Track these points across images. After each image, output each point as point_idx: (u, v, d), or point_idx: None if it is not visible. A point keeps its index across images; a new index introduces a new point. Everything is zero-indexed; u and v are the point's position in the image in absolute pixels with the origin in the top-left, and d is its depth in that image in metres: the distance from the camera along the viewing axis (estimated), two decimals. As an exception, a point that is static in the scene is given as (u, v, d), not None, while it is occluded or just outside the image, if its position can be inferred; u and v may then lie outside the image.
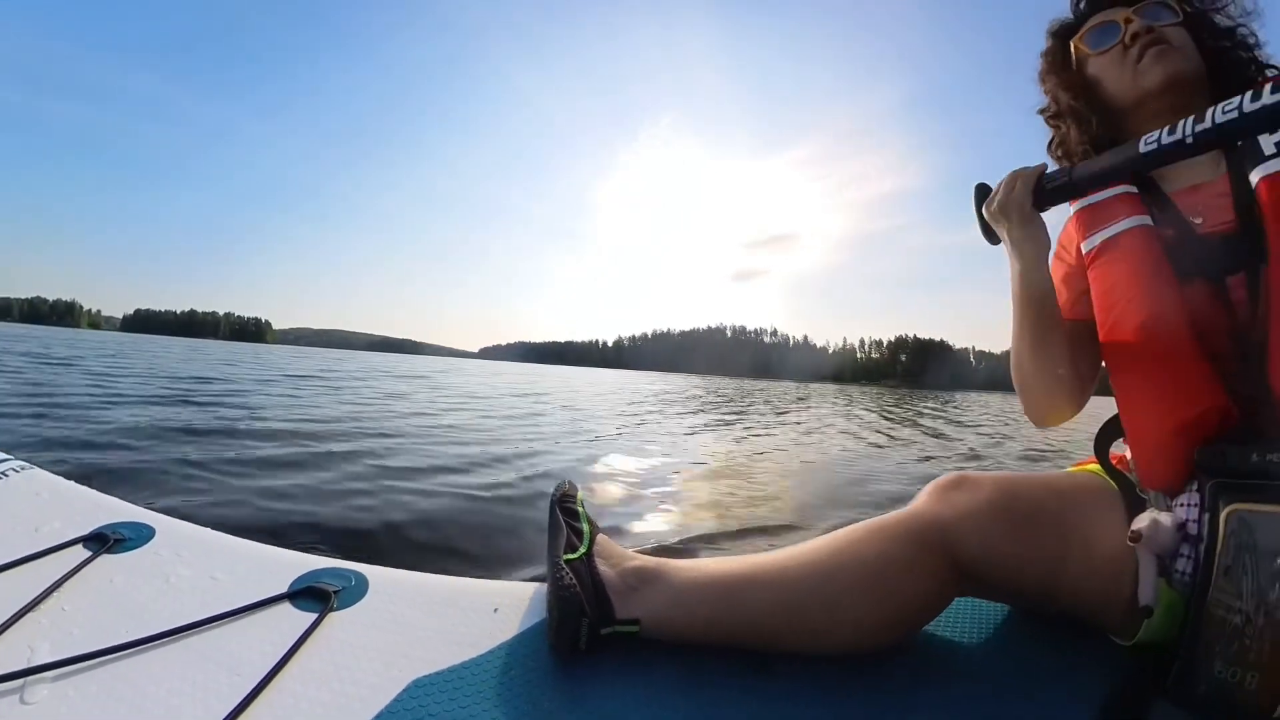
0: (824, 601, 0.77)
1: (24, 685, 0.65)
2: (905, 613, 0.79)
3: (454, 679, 0.72)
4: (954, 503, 0.80)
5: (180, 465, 3.25)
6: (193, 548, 0.94)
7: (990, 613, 0.90)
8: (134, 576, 0.86)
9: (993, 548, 0.77)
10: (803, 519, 2.88)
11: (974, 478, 0.83)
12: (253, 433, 4.56)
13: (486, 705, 0.69)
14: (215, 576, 0.87)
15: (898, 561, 0.77)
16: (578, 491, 0.99)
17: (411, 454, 4.18)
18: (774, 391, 25.52)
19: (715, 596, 0.80)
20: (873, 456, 5.75)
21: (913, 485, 3.75)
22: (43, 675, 0.66)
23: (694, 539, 2.46)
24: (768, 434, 7.43)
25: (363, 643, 0.77)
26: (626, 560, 0.86)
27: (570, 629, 0.76)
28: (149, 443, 3.78)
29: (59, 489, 1.08)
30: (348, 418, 6.15)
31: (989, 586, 0.83)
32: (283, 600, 0.82)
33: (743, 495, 3.32)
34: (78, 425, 4.20)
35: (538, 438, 5.74)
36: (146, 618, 0.77)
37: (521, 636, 0.81)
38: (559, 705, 0.70)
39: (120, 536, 0.94)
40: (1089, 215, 0.88)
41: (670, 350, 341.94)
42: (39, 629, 0.74)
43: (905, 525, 0.80)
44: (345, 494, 2.92)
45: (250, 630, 0.77)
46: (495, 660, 0.76)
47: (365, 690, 0.69)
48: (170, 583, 0.85)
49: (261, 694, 0.67)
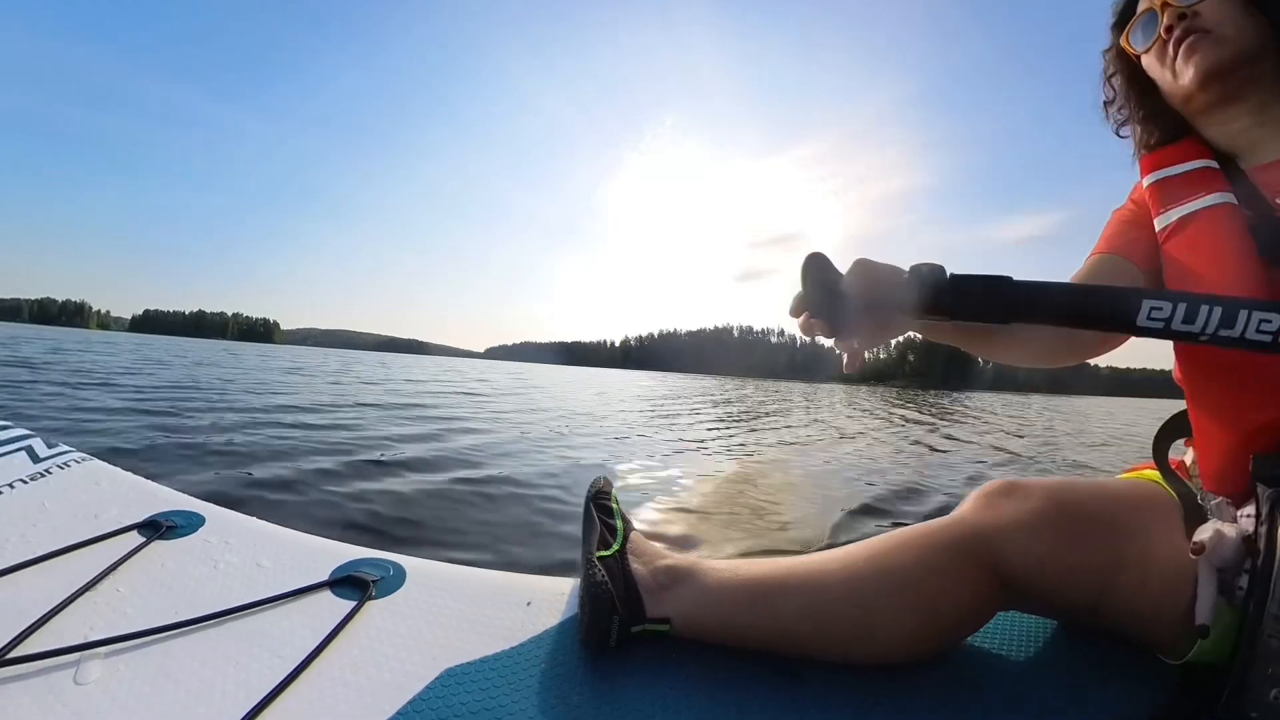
0: (858, 609, 0.75)
1: (79, 663, 0.68)
2: (944, 625, 0.76)
3: (485, 670, 0.73)
4: (1002, 511, 0.75)
5: (229, 457, 3.38)
6: (240, 535, 0.98)
7: (1033, 627, 0.86)
8: (184, 561, 0.90)
9: (1041, 560, 0.73)
10: (836, 522, 2.82)
11: (1024, 485, 0.78)
12: (300, 428, 4.69)
13: (516, 697, 0.69)
14: (260, 563, 0.90)
15: (939, 571, 0.74)
16: (612, 488, 1.00)
17: (449, 451, 4.25)
18: (787, 393, 25.00)
19: (747, 598, 0.78)
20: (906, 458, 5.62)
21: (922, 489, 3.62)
22: (97, 650, 0.70)
23: (726, 540, 2.44)
24: (792, 437, 7.31)
25: (398, 631, 0.78)
26: (659, 558, 0.85)
27: (601, 626, 0.76)
28: (202, 437, 3.93)
29: (117, 479, 1.13)
30: (385, 416, 6.29)
31: (1034, 600, 0.79)
32: (323, 588, 0.85)
33: (773, 497, 3.27)
34: (134, 421, 4.40)
35: (568, 436, 5.77)
36: (195, 600, 0.80)
37: (553, 631, 0.81)
38: (587, 700, 0.70)
39: (172, 524, 0.98)
40: (1165, 188, 0.81)
41: (678, 350, 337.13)
42: (95, 608, 0.78)
43: (948, 533, 0.76)
44: (386, 488, 2.99)
45: (292, 615, 0.79)
46: (526, 653, 0.77)
47: (399, 677, 0.70)
48: (218, 568, 0.88)
49: (301, 676, 0.68)
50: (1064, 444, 8.16)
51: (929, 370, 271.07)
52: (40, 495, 1.04)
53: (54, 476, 1.10)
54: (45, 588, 0.79)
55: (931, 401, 23.74)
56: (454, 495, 2.96)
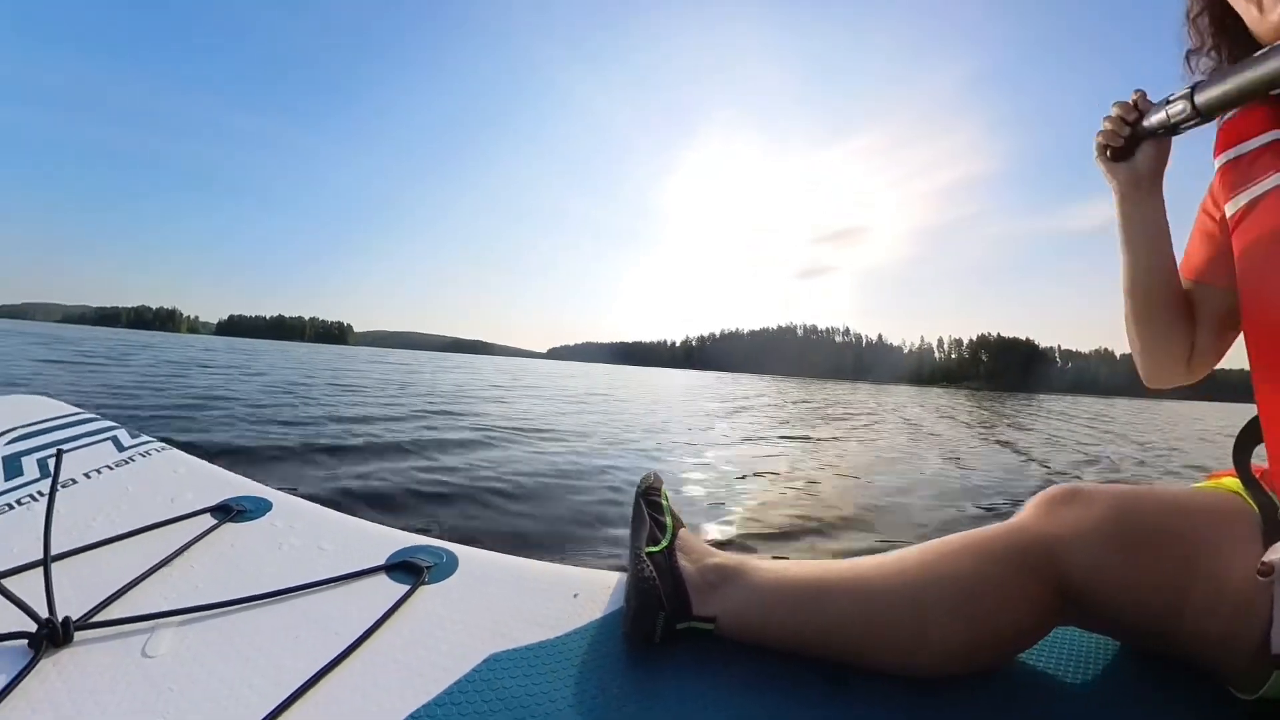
0: (909, 617, 0.72)
1: (153, 630, 0.72)
2: (998, 638, 0.71)
3: (529, 657, 0.74)
4: (1064, 519, 0.71)
5: (298, 450, 3.53)
6: (304, 521, 1.02)
7: (1093, 646, 0.81)
8: (251, 543, 0.94)
9: (1105, 573, 0.68)
10: (890, 525, 2.73)
11: (1089, 491, 0.73)
12: (364, 420, 4.85)
13: (557, 684, 0.70)
14: (322, 547, 0.94)
15: (995, 581, 0.70)
16: (663, 485, 0.99)
17: (505, 446, 4.32)
18: (851, 395, 24.11)
19: (794, 601, 0.76)
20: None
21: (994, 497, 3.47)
22: (169, 620, 0.74)
23: (775, 540, 2.39)
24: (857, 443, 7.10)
25: (448, 616, 0.80)
26: (707, 556, 0.84)
27: (646, 621, 0.76)
28: (274, 430, 4.11)
29: (193, 466, 1.20)
30: (450, 413, 6.44)
31: (1095, 617, 0.74)
32: (379, 572, 0.87)
33: (826, 498, 3.19)
34: (218, 415, 4.63)
35: (624, 434, 5.79)
36: (260, 579, 0.84)
37: (598, 623, 0.82)
38: (627, 693, 0.70)
39: (242, 508, 1.03)
40: (1233, 170, 0.74)
41: (740, 351, 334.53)
42: (169, 582, 0.82)
43: (1007, 541, 0.72)
44: (443, 480, 3.06)
45: (349, 596, 0.82)
46: (570, 643, 0.77)
47: (446, 659, 0.72)
48: (282, 550, 0.92)
49: (354, 653, 0.71)
50: (1147, 449, 7.63)
51: (1004, 371, 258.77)
52: (124, 480, 1.11)
53: (136, 463, 1.17)
54: (126, 562, 0.84)
55: (1004, 404, 22.74)
56: (507, 487, 3.01)
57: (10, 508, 0.97)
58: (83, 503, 1.01)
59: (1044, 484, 3.24)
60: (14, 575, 0.77)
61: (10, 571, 0.78)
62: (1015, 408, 19.93)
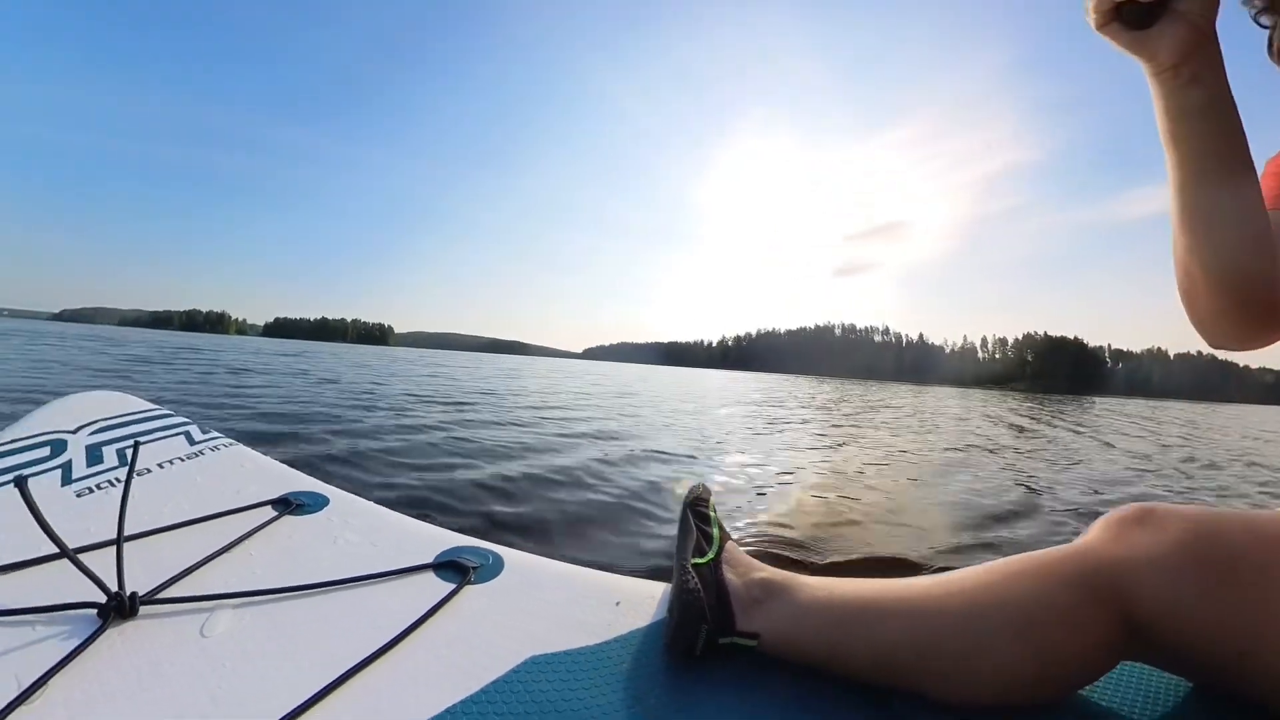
0: (963, 644, 0.67)
1: (212, 610, 0.75)
2: (1059, 670, 0.66)
3: (568, 661, 0.74)
4: (1135, 542, 0.66)
5: (357, 450, 3.64)
6: (358, 517, 1.05)
7: (1160, 684, 0.74)
8: (308, 535, 0.97)
9: (1176, 604, 0.62)
10: (945, 544, 2.60)
11: (1162, 513, 0.68)
12: (418, 427, 4.95)
13: (594, 692, 0.69)
14: (374, 542, 0.96)
15: (1057, 608, 0.65)
16: (711, 495, 0.98)
17: (554, 451, 4.35)
18: (893, 397, 22.88)
19: (842, 621, 0.73)
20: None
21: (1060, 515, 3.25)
22: (226, 602, 0.76)
23: (824, 556, 2.32)
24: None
25: (491, 616, 0.80)
26: (754, 570, 0.83)
27: (688, 633, 0.74)
28: (335, 427, 4.24)
29: (257, 461, 1.25)
30: (499, 414, 6.53)
31: (1165, 651, 0.67)
32: (427, 569, 0.89)
33: (878, 513, 3.07)
34: (283, 413, 4.81)
35: (673, 440, 5.74)
36: (314, 569, 0.86)
37: (639, 633, 0.81)
38: (664, 705, 0.69)
39: (301, 503, 1.07)
40: None
41: (778, 350, 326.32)
42: (229, 567, 0.85)
43: (1072, 565, 0.67)
44: (495, 482, 3.10)
45: (397, 591, 0.83)
46: (610, 651, 0.77)
47: (487, 658, 0.72)
48: (336, 544, 0.95)
49: (399, 645, 0.72)
50: (1209, 461, 6.99)
51: (1052, 372, 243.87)
52: (193, 471, 1.16)
53: (205, 457, 1.23)
54: (190, 546, 0.88)
55: (1055, 408, 21.56)
56: (556, 492, 3.02)
57: (90, 491, 1.03)
58: (155, 490, 1.06)
59: (1113, 502, 3.02)
60: (90, 551, 0.82)
61: (87, 548, 0.83)
62: (1072, 411, 18.85)
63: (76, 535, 0.84)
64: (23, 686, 0.59)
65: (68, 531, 0.74)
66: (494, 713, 0.64)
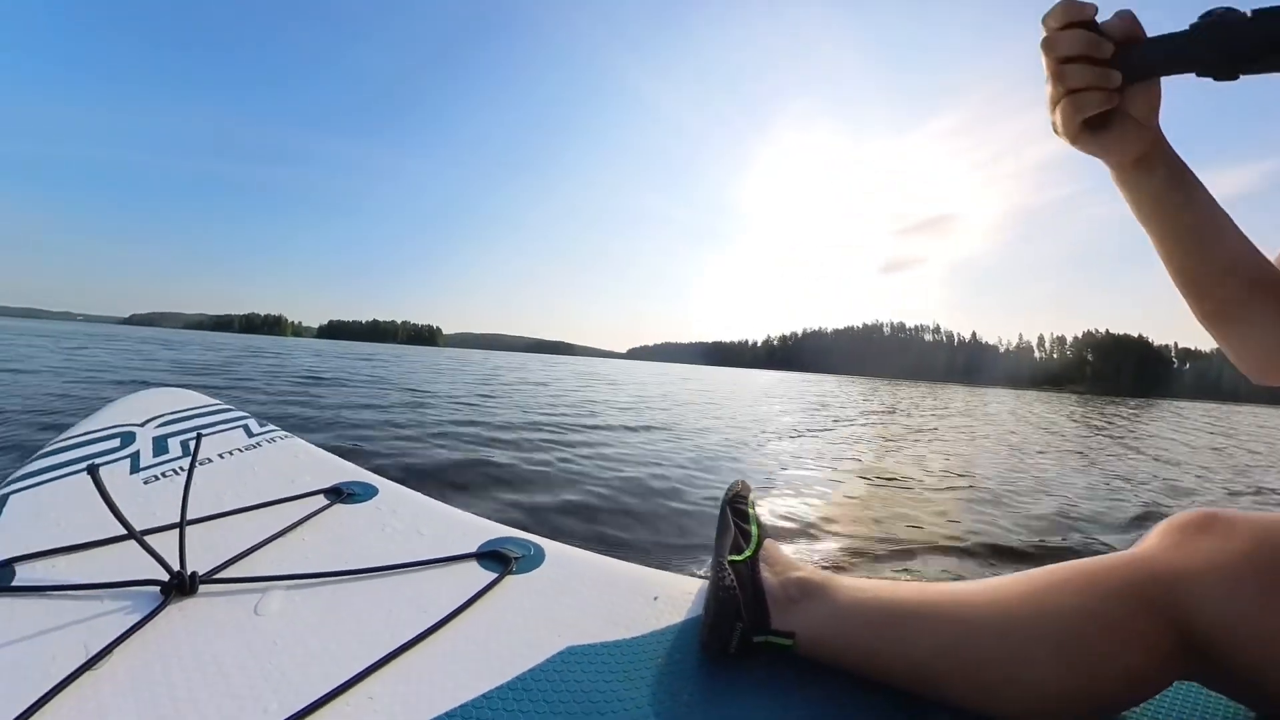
0: (1003, 654, 0.63)
1: (265, 590, 0.78)
2: (1106, 686, 0.61)
3: (604, 654, 0.74)
4: (1196, 551, 0.61)
5: (407, 440, 3.72)
6: (406, 506, 1.07)
7: (1216, 709, 0.70)
8: (357, 523, 1.00)
9: (1240, 620, 0.57)
10: (989, 548, 2.50)
11: (1228, 519, 0.63)
12: (467, 422, 5.04)
13: (628, 684, 0.69)
14: (420, 531, 0.98)
15: (1107, 619, 0.60)
16: (750, 493, 0.98)
17: (597, 446, 4.37)
18: (946, 399, 21.75)
19: (880, 624, 0.70)
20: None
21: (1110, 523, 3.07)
22: (279, 584, 0.80)
23: (865, 557, 2.26)
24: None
25: (531, 606, 0.81)
26: (791, 569, 0.81)
27: (723, 631, 0.73)
28: (383, 418, 4.36)
29: (311, 453, 1.30)
30: (544, 413, 6.57)
31: (1224, 671, 0.60)
32: (470, 559, 0.90)
33: (922, 515, 2.97)
34: (338, 410, 4.97)
35: (714, 438, 5.69)
36: (362, 555, 0.89)
37: (674, 628, 0.80)
38: (697, 701, 0.68)
39: (352, 492, 1.10)
40: None
41: (825, 350, 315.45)
42: (282, 552, 0.89)
43: (1125, 574, 0.62)
44: (540, 476, 3.13)
45: (440, 578, 0.85)
46: (645, 645, 0.77)
47: (524, 647, 0.73)
48: (384, 531, 0.98)
49: (440, 630, 0.74)
50: None
51: (1114, 374, 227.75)
52: (252, 461, 1.21)
53: (263, 448, 1.28)
54: (247, 531, 0.92)
55: (1116, 411, 20.44)
56: (603, 487, 3.03)
57: (156, 479, 1.08)
58: (215, 479, 1.11)
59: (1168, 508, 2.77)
60: (155, 534, 0.86)
61: (152, 530, 0.87)
62: (1140, 414, 17.84)
63: (143, 519, 0.89)
64: (90, 654, 0.63)
65: (135, 515, 0.78)
66: (530, 700, 0.65)
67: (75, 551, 0.82)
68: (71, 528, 0.88)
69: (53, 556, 0.81)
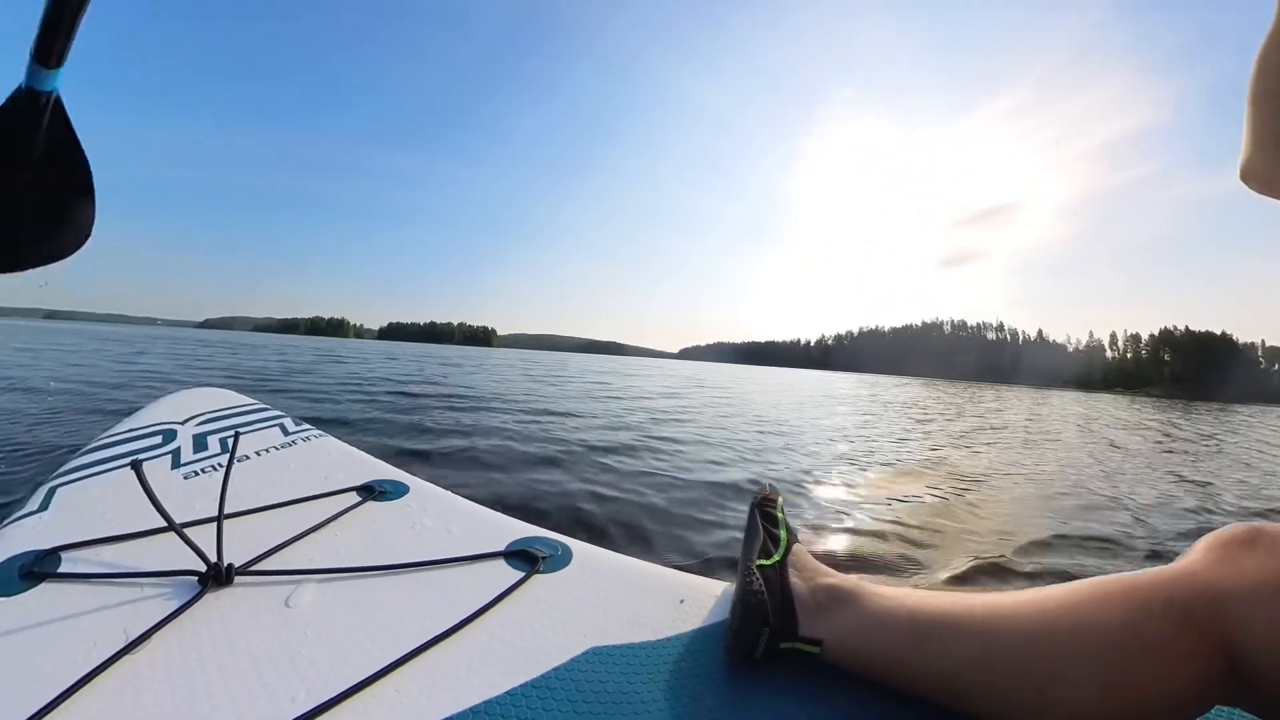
0: (1036, 670, 0.60)
1: (298, 583, 0.79)
2: (1144, 708, 0.57)
3: (628, 655, 0.74)
4: (1243, 567, 0.57)
5: (441, 439, 3.77)
6: (436, 504, 1.09)
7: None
8: (388, 520, 1.01)
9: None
10: (1028, 559, 2.41)
11: (1273, 533, 0.60)
12: (497, 431, 5.06)
13: (652, 686, 0.69)
14: (449, 529, 0.99)
15: (1147, 637, 0.57)
16: (779, 497, 0.97)
17: (633, 450, 4.36)
18: (1007, 402, 20.52)
19: (910, 634, 0.68)
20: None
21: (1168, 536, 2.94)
22: (311, 577, 0.81)
23: (896, 565, 2.20)
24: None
25: (557, 605, 0.82)
26: (820, 575, 0.79)
27: (749, 636, 0.72)
28: (417, 417, 4.41)
29: (344, 451, 1.32)
30: (582, 415, 6.57)
31: (1269, 699, 0.56)
32: (498, 557, 0.91)
33: (958, 523, 2.88)
34: (380, 411, 5.04)
35: (752, 441, 5.62)
36: (393, 552, 0.90)
37: (700, 632, 0.80)
38: (721, 706, 0.67)
39: (383, 489, 1.12)
40: None
41: (882, 349, 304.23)
42: (315, 546, 0.90)
43: (1167, 590, 0.59)
44: (571, 479, 3.14)
45: (469, 576, 0.86)
46: (670, 648, 0.76)
47: (550, 646, 0.73)
48: (414, 529, 0.99)
49: (467, 626, 0.74)
50: None
51: (1194, 376, 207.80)
52: (287, 459, 1.24)
53: (298, 446, 1.31)
54: (282, 526, 0.94)
55: (1198, 416, 19.22)
56: (631, 488, 3.02)
57: (196, 474, 1.11)
58: (252, 475, 1.14)
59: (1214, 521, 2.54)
60: (194, 526, 0.89)
61: (191, 523, 0.90)
62: (1228, 418, 16.74)
63: (183, 512, 0.91)
64: (130, 638, 0.65)
65: (175, 509, 0.80)
66: (554, 699, 0.65)
67: (118, 542, 0.85)
68: (115, 519, 0.91)
69: (97, 546, 0.84)
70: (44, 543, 0.83)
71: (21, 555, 0.80)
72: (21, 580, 0.75)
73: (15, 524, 0.89)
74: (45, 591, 0.73)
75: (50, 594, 0.72)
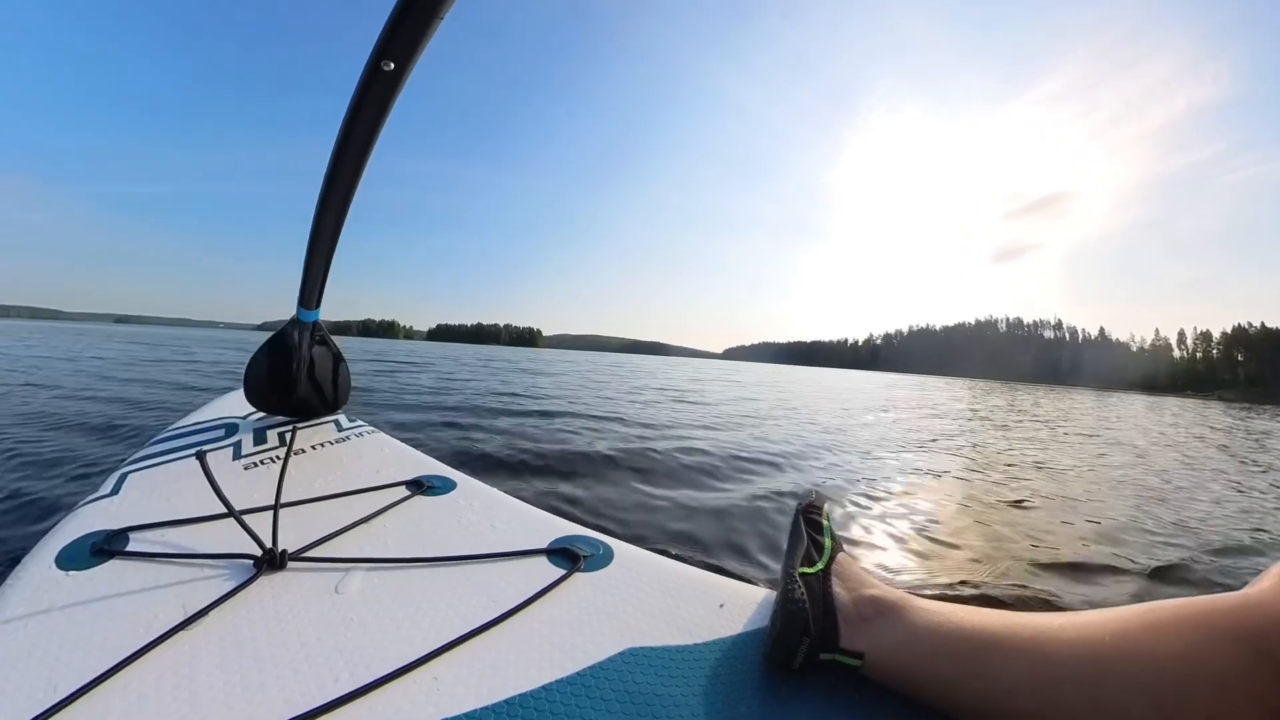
0: (1090, 701, 0.56)
1: (348, 571, 0.82)
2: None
3: (665, 657, 0.73)
4: None
5: (491, 438, 3.82)
6: (482, 501, 1.11)
7: None
8: (435, 514, 1.04)
9: None
10: (1083, 579, 2.27)
11: None
12: (547, 434, 5.09)
13: (687, 690, 0.68)
14: (494, 525, 1.01)
15: (1212, 668, 0.53)
16: (825, 504, 0.95)
17: (681, 449, 4.33)
18: (1068, 404, 19.37)
19: (955, 652, 0.65)
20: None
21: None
22: (359, 566, 0.83)
23: (945, 578, 2.11)
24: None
25: (596, 604, 0.82)
26: (865, 586, 0.77)
27: (789, 645, 0.70)
28: (468, 419, 4.48)
29: (395, 447, 1.36)
30: (633, 416, 6.55)
31: None
32: (540, 554, 0.92)
33: (1013, 537, 2.74)
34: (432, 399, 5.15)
35: (800, 443, 5.51)
36: (438, 545, 0.92)
37: (739, 638, 0.78)
38: (756, 714, 0.66)
39: (431, 485, 1.14)
40: None
41: (934, 349, 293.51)
42: (366, 537, 0.93)
43: (1234, 619, 0.55)
44: (617, 478, 3.13)
45: (511, 571, 0.87)
46: (707, 653, 0.75)
47: (587, 644, 0.73)
48: (460, 523, 1.01)
49: (507, 620, 0.75)
50: None
51: (1271, 378, 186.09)
52: (341, 453, 1.28)
53: (351, 441, 1.35)
54: (334, 516, 0.97)
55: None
56: (679, 493, 3.00)
57: (255, 465, 1.16)
58: (307, 467, 1.18)
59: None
60: (251, 513, 0.92)
61: (249, 510, 0.93)
62: None
63: (242, 499, 0.95)
64: (188, 614, 0.68)
65: (234, 496, 0.84)
66: (588, 697, 0.65)
67: (181, 525, 0.89)
68: (179, 504, 0.95)
69: (162, 528, 0.88)
70: (114, 523, 0.88)
71: (93, 534, 0.84)
72: (93, 556, 0.79)
73: (89, 505, 0.94)
74: (113, 567, 0.77)
75: (118, 570, 0.76)
